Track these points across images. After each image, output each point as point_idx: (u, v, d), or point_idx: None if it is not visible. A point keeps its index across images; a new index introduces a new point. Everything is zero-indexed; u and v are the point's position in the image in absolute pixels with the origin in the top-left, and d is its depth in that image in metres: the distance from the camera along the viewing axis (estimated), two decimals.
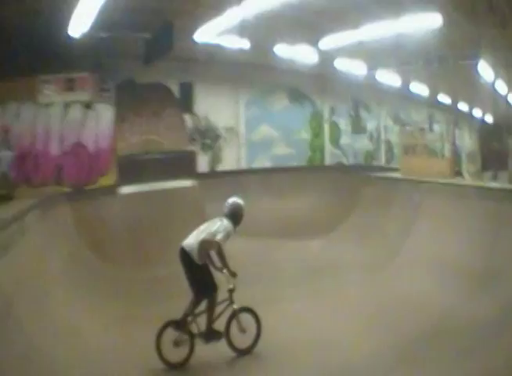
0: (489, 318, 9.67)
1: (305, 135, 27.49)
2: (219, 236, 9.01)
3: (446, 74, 24.62)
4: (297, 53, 21.55)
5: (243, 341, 9.32)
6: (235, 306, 9.25)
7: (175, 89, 21.63)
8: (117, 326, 10.51)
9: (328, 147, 28.77)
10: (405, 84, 29.08)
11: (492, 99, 31.62)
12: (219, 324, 9.20)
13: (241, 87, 24.46)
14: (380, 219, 17.72)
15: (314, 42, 20.20)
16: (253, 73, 23.76)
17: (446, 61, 21.10)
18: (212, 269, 9.22)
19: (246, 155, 24.78)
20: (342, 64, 24.05)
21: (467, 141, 44.61)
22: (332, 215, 20.43)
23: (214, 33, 17.71)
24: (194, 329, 9.07)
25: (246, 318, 9.37)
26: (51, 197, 15.25)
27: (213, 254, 9.24)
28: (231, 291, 9.10)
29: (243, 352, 9.28)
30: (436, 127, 34.00)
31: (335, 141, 29.30)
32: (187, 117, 22.07)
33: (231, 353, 9.22)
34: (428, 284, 12.33)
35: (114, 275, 14.03)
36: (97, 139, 17.78)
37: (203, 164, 22.79)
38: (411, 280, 12.94)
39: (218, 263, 9.19)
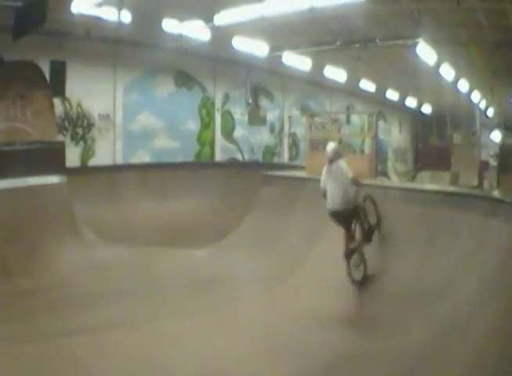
0: (418, 343, 9.78)
1: (193, 125, 27.76)
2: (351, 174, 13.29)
3: (372, 57, 25.00)
4: (188, 29, 21.09)
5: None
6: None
7: (46, 68, 20.58)
8: None
9: (219, 140, 29.20)
10: (318, 68, 28.89)
11: (433, 86, 31.65)
12: None
13: (120, 68, 24.11)
14: (279, 226, 17.89)
15: (208, 17, 19.88)
16: (134, 51, 23.71)
17: (373, 41, 21.47)
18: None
19: (123, 148, 24.47)
20: (241, 43, 23.79)
21: (396, 136, 45.34)
22: (223, 219, 20.90)
23: (92, 2, 17.49)
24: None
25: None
26: None
27: None
28: None
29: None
30: (355, 118, 34.11)
31: (228, 133, 29.85)
32: (57, 102, 21.32)
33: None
34: (339, 303, 12.66)
35: None
36: None
37: (73, 157, 22.07)
38: (316, 297, 13.07)
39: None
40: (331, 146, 13.90)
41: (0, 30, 17.44)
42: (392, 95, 40.14)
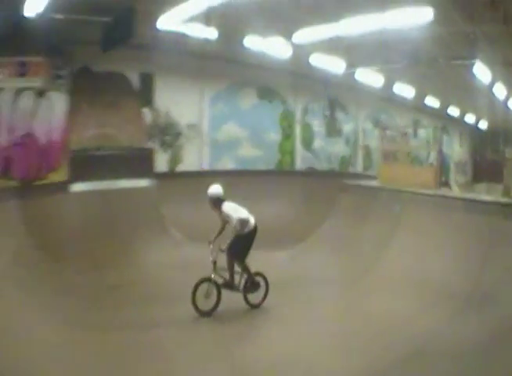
0: (476, 343, 9.64)
1: (275, 136, 27.45)
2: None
3: (435, 75, 24.79)
4: (269, 46, 20.90)
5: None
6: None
7: (134, 80, 21.27)
8: (63, 331, 10.64)
9: (299, 150, 28.79)
10: (388, 84, 28.79)
11: (488, 104, 31.28)
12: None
13: (206, 81, 24.10)
14: (354, 231, 17.77)
15: (288, 35, 19.70)
16: (219, 66, 23.66)
17: (436, 61, 21.27)
18: None
19: (210, 155, 24.50)
20: (318, 60, 23.43)
21: (457, 149, 44.43)
22: (302, 224, 20.51)
23: (178, 20, 17.28)
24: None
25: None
26: None
27: None
28: None
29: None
30: (421, 132, 33.57)
31: (307, 144, 29.33)
32: (146, 111, 21.81)
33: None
34: (406, 304, 12.35)
35: (64, 278, 13.92)
36: (49, 131, 17.62)
37: (161, 163, 22.41)
38: (386, 298, 12.93)
39: None
40: (212, 189, 12.99)
41: (88, 44, 17.62)
42: (453, 111, 39.81)
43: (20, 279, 12.44)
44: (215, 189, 12.87)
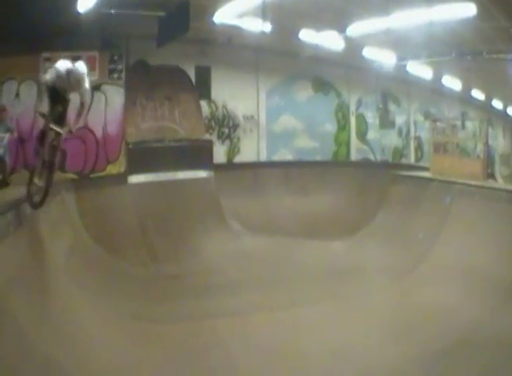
0: None
1: (330, 127, 26.93)
2: None
3: (480, 69, 24.38)
4: (323, 40, 20.48)
5: None
6: None
7: (191, 73, 21.06)
8: (119, 324, 10.64)
9: (354, 142, 28.28)
10: (437, 77, 28.48)
11: None
12: None
13: (262, 73, 23.78)
14: (407, 221, 17.53)
15: (341, 28, 19.38)
16: (275, 59, 23.28)
17: (480, 54, 20.98)
18: None
19: (267, 147, 24.17)
20: (371, 53, 23.23)
21: (501, 141, 44.36)
22: (357, 214, 20.35)
23: (233, 14, 17.22)
24: None
25: None
26: (53, 184, 14.86)
27: None
28: None
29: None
30: (469, 124, 33.29)
31: (362, 135, 28.81)
32: (203, 104, 21.52)
33: None
34: (455, 293, 12.14)
35: (120, 270, 14.11)
36: (105, 124, 17.72)
37: (219, 154, 22.09)
38: (436, 288, 12.73)
39: None
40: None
41: (145, 38, 17.90)
42: (497, 103, 39.41)
43: (78, 270, 12.18)
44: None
